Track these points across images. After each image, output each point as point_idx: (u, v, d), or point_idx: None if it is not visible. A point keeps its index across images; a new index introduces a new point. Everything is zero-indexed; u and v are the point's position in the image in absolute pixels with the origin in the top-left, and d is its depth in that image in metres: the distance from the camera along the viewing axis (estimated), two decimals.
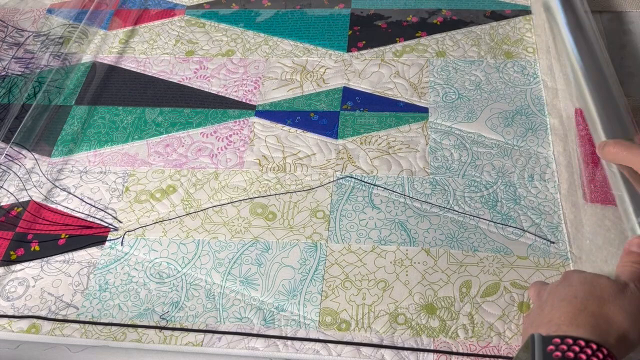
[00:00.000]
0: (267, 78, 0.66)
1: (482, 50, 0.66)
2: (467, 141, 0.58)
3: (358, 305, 0.49)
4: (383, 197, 0.55)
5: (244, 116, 0.63)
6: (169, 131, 0.62)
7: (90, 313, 0.50)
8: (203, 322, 0.49)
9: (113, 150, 0.61)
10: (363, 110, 0.62)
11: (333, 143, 0.60)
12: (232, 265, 0.52)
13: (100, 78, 0.68)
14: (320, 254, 0.52)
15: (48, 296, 0.51)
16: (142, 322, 0.49)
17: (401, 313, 0.48)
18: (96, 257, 0.53)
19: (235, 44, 0.70)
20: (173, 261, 0.53)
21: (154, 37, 0.72)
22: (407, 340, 0.47)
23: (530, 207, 0.53)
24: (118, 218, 0.56)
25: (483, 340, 0.46)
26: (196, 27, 0.72)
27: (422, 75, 0.64)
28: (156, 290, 0.51)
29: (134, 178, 0.59)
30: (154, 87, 0.67)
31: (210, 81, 0.66)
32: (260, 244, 0.53)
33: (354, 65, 0.66)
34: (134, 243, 0.54)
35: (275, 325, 0.48)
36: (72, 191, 0.58)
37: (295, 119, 0.62)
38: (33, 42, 0.72)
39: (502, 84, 0.63)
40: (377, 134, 0.60)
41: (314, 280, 0.50)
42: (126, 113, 0.65)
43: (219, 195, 0.56)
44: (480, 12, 0.71)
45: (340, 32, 0.70)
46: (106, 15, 0.75)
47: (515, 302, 0.48)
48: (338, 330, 0.47)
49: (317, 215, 0.54)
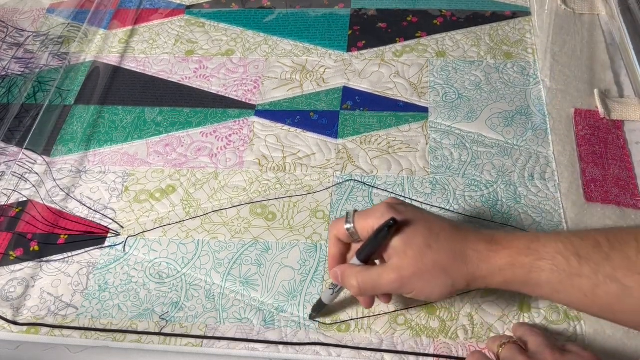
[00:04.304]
0: (267, 78, 0.66)
1: (482, 50, 0.66)
2: (467, 141, 0.58)
3: (358, 306, 0.49)
4: (383, 197, 0.55)
5: (244, 116, 0.63)
6: (169, 131, 0.62)
7: (90, 313, 0.50)
8: (203, 322, 0.49)
9: (112, 150, 0.61)
10: (363, 110, 0.62)
11: (333, 143, 0.60)
12: (232, 266, 0.52)
13: (100, 78, 0.68)
14: (320, 255, 0.52)
15: (47, 296, 0.51)
16: (142, 322, 0.49)
17: (401, 314, 0.48)
18: (96, 257, 0.53)
19: (235, 43, 0.70)
20: (173, 261, 0.52)
21: (154, 36, 0.72)
22: (407, 341, 0.47)
23: (530, 206, 0.53)
24: (119, 222, 0.55)
25: (483, 341, 0.46)
26: (196, 26, 0.72)
27: (422, 75, 0.64)
28: (156, 290, 0.51)
29: (133, 178, 0.59)
30: (154, 87, 0.67)
31: (210, 81, 0.66)
32: (260, 245, 0.53)
33: (354, 65, 0.66)
34: (133, 243, 0.54)
35: (275, 326, 0.48)
36: (72, 191, 0.58)
37: (295, 119, 0.62)
38: (33, 42, 0.72)
39: (502, 84, 0.63)
40: (377, 134, 0.60)
41: (314, 281, 0.50)
42: (126, 113, 0.64)
43: (218, 195, 0.56)
44: (480, 12, 0.71)
45: (340, 32, 0.70)
46: (106, 15, 0.75)
47: (515, 302, 0.48)
48: (338, 331, 0.47)
49: (317, 216, 0.54)
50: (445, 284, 0.39)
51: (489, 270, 0.39)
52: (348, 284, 0.42)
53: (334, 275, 0.43)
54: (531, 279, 0.38)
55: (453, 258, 0.39)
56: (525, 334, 0.44)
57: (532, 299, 0.48)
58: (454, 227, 0.41)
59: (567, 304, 0.40)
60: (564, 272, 0.37)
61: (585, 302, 0.37)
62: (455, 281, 0.39)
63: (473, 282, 0.40)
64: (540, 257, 0.38)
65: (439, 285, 0.39)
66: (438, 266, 0.39)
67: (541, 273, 0.37)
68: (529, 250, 0.38)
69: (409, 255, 0.39)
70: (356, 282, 0.41)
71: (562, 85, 0.62)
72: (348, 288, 0.42)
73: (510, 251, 0.39)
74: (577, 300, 0.38)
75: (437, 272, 0.39)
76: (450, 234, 0.40)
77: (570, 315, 0.47)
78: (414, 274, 0.39)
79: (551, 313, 0.47)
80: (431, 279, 0.39)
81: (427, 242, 0.39)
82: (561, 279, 0.37)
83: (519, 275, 0.38)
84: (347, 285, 0.42)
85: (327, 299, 0.46)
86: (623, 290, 0.35)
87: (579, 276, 0.36)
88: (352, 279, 0.41)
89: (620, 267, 0.35)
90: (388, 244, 0.40)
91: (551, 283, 0.37)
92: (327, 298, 0.46)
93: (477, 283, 0.40)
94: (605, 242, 0.37)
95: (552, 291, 0.38)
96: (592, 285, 0.36)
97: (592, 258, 0.36)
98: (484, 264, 0.39)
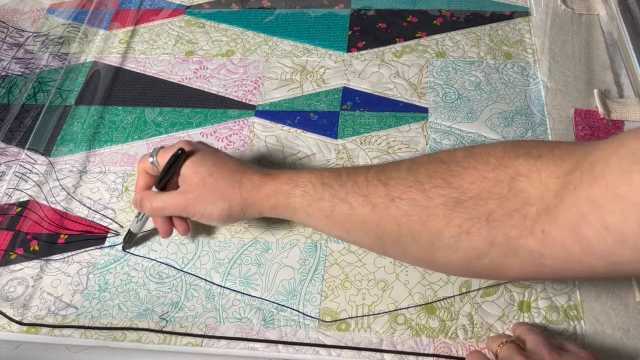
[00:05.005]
0: (267, 78, 0.66)
1: (482, 51, 0.66)
2: (467, 141, 0.58)
3: (358, 305, 0.49)
4: None
5: (244, 116, 0.63)
6: (169, 131, 0.62)
7: (90, 313, 0.50)
8: (203, 322, 0.49)
9: (113, 150, 0.61)
10: (363, 110, 0.62)
11: (333, 143, 0.60)
12: (231, 266, 0.52)
13: (100, 78, 0.68)
14: (320, 254, 0.52)
15: (47, 296, 0.51)
16: (142, 322, 0.49)
17: (401, 313, 0.48)
18: (96, 257, 0.53)
19: (235, 44, 0.70)
20: (172, 261, 0.52)
21: (154, 37, 0.72)
22: (407, 340, 0.47)
23: None
24: (119, 222, 0.56)
25: (483, 340, 0.46)
26: (196, 27, 0.72)
27: (422, 75, 0.64)
28: (156, 290, 0.51)
29: (133, 178, 0.59)
30: (154, 87, 0.67)
31: (210, 81, 0.66)
32: (260, 244, 0.53)
33: (354, 66, 0.66)
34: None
35: (275, 325, 0.48)
36: (72, 191, 0.58)
37: (295, 119, 0.62)
38: (33, 43, 0.72)
39: (501, 85, 0.63)
40: (377, 134, 0.60)
41: (314, 281, 0.50)
42: (126, 113, 0.65)
43: None
44: (480, 13, 0.71)
45: (340, 32, 0.70)
46: (106, 16, 0.75)
47: (515, 301, 0.48)
48: (338, 331, 0.47)
49: None
50: (222, 208, 0.45)
51: (259, 197, 0.45)
52: (143, 207, 0.48)
53: (135, 201, 0.50)
54: (289, 204, 0.44)
55: (231, 185, 0.45)
56: (523, 333, 0.44)
57: (532, 299, 0.48)
58: (237, 162, 0.47)
59: (316, 227, 0.46)
60: (311, 197, 0.43)
61: (327, 223, 0.44)
62: (231, 205, 0.45)
63: (246, 208, 0.46)
64: (296, 185, 0.44)
65: (217, 208, 0.45)
66: (217, 191, 0.45)
67: (295, 198, 0.44)
68: (289, 180, 0.45)
69: (194, 182, 0.46)
70: (149, 204, 0.48)
71: (562, 86, 0.62)
72: (144, 210, 0.49)
73: (276, 182, 0.45)
74: (322, 222, 0.44)
75: (215, 196, 0.45)
76: (232, 167, 0.47)
77: (570, 315, 0.47)
78: (196, 197, 0.46)
79: (551, 313, 0.47)
80: (210, 202, 0.45)
81: (210, 171, 0.46)
82: (310, 202, 0.43)
83: (280, 201, 0.45)
84: (143, 207, 0.49)
85: (134, 227, 0.52)
86: (350, 209, 0.41)
87: (321, 200, 0.43)
88: (147, 201, 0.48)
89: (349, 191, 0.42)
90: (179, 172, 0.47)
91: (303, 207, 0.44)
92: (134, 227, 0.52)
93: (250, 210, 0.46)
94: (344, 173, 0.43)
95: (304, 215, 0.44)
96: (330, 207, 0.42)
97: (332, 185, 0.43)
98: (255, 192, 0.45)
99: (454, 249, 0.38)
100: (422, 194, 0.39)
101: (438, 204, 0.38)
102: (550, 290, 0.48)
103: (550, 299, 0.48)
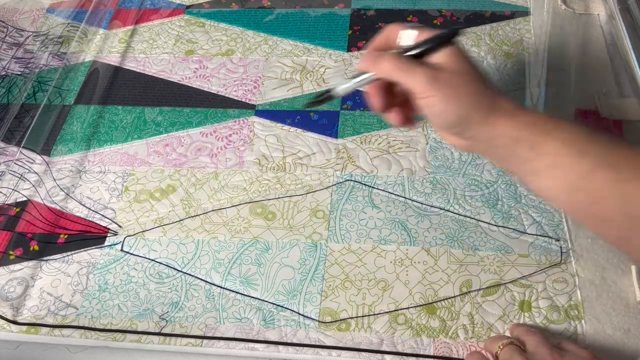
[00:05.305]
0: (266, 77, 0.66)
1: (482, 50, 0.66)
2: None
3: (358, 305, 0.49)
4: (383, 197, 0.55)
5: (244, 116, 0.63)
6: (169, 131, 0.62)
7: (90, 313, 0.50)
8: (203, 322, 0.49)
9: (112, 150, 0.61)
10: (363, 109, 0.62)
11: (333, 142, 0.60)
12: (231, 266, 0.52)
13: (100, 77, 0.68)
14: (320, 254, 0.52)
15: (47, 296, 0.51)
16: (142, 322, 0.49)
17: (401, 313, 0.48)
18: (95, 257, 0.53)
19: (235, 43, 0.70)
20: (172, 261, 0.52)
21: (154, 36, 0.72)
22: (407, 340, 0.46)
23: (531, 205, 0.53)
24: (118, 222, 0.55)
25: (483, 340, 0.46)
26: (196, 26, 0.72)
27: None
28: (156, 290, 0.51)
29: (133, 178, 0.59)
30: (154, 87, 0.66)
31: (209, 81, 0.66)
32: (260, 244, 0.53)
33: (354, 65, 0.66)
34: (133, 243, 0.54)
35: (275, 325, 0.48)
36: (71, 191, 0.58)
37: (295, 119, 0.62)
38: (32, 42, 0.72)
39: (502, 85, 0.63)
40: (377, 134, 0.60)
41: (314, 280, 0.50)
42: (126, 112, 0.64)
43: (218, 195, 0.56)
44: (480, 12, 0.71)
45: (340, 31, 0.70)
46: (105, 15, 0.75)
47: (516, 301, 0.48)
48: (338, 331, 0.47)
49: (317, 215, 0.54)
50: (466, 106, 0.39)
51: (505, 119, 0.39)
52: (379, 65, 0.41)
53: (366, 58, 0.42)
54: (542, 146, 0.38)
55: (484, 92, 0.39)
56: (522, 334, 0.44)
57: (532, 299, 0.48)
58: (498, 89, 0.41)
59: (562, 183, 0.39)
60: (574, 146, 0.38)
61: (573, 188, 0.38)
62: (475, 110, 0.39)
63: (485, 125, 0.39)
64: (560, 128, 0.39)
65: (462, 103, 0.39)
66: (469, 87, 0.39)
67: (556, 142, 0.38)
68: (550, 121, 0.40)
69: (451, 67, 0.39)
70: (389, 62, 0.40)
71: (562, 86, 0.62)
72: (378, 69, 0.41)
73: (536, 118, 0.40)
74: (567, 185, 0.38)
75: (466, 90, 0.39)
76: (491, 85, 0.40)
77: (570, 314, 0.47)
78: (448, 80, 0.39)
79: (552, 313, 0.47)
80: (457, 93, 0.39)
81: (475, 70, 0.40)
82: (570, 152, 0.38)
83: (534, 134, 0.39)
84: (378, 64, 0.41)
85: (340, 89, 0.44)
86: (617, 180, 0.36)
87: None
88: (387, 60, 0.40)
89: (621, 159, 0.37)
90: (439, 52, 0.40)
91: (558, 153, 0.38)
92: (339, 89, 0.44)
93: (488, 129, 0.39)
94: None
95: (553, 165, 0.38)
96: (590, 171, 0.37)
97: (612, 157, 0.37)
98: (507, 117, 0.39)
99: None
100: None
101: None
102: (550, 290, 0.48)
103: (550, 298, 0.48)
